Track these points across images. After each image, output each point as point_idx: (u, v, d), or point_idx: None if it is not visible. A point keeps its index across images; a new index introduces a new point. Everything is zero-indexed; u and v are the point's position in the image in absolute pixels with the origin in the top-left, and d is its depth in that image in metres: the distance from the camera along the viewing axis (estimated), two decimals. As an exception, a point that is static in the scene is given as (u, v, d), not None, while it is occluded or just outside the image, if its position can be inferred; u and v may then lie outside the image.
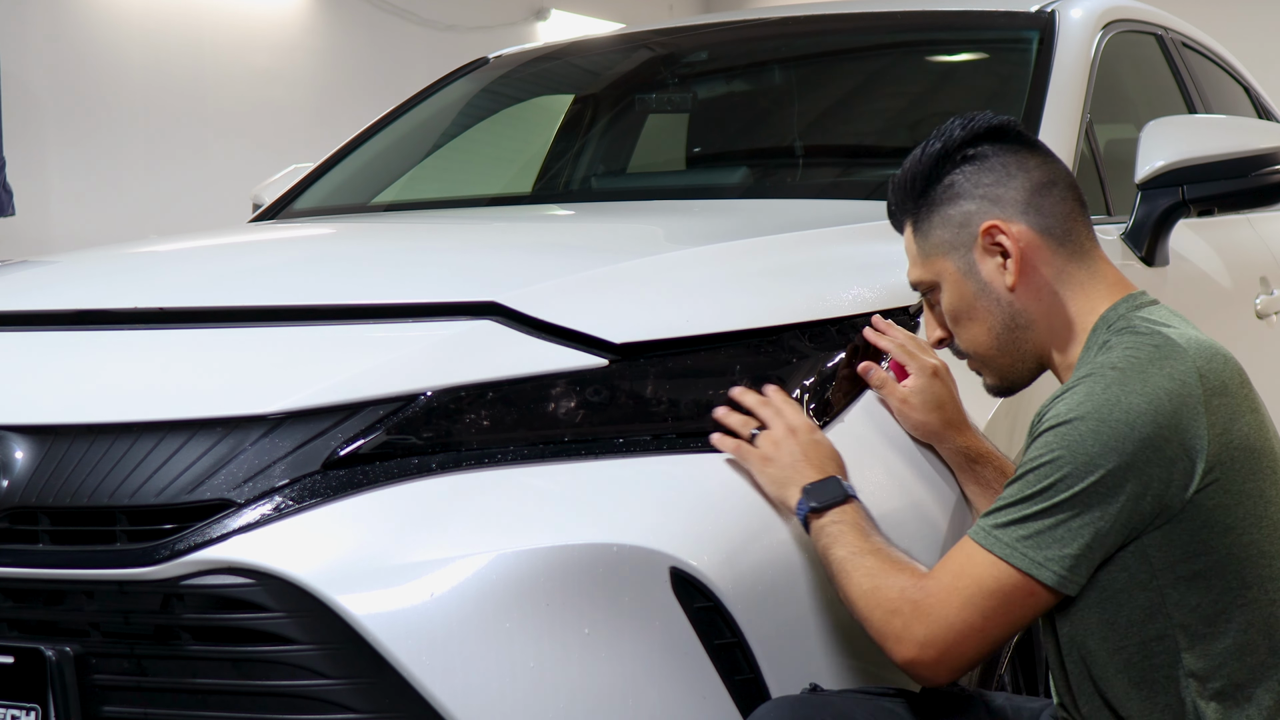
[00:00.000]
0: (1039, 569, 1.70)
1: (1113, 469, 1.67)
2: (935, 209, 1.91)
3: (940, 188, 1.91)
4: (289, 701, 1.81)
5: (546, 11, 10.77)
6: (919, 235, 1.94)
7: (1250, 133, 2.79)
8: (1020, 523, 1.71)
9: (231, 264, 2.52)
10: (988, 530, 1.73)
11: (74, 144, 7.84)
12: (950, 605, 1.72)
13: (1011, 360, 1.92)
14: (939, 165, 1.91)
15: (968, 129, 1.91)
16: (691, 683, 1.83)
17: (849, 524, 1.84)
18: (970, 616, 1.71)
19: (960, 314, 1.92)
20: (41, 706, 1.88)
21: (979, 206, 1.88)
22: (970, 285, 1.89)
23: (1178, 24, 3.90)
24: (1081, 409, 1.70)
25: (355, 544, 1.81)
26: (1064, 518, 1.69)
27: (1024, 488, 1.72)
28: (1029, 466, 1.72)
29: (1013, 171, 1.89)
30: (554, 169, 3.83)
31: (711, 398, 1.98)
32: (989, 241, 1.87)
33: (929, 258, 1.93)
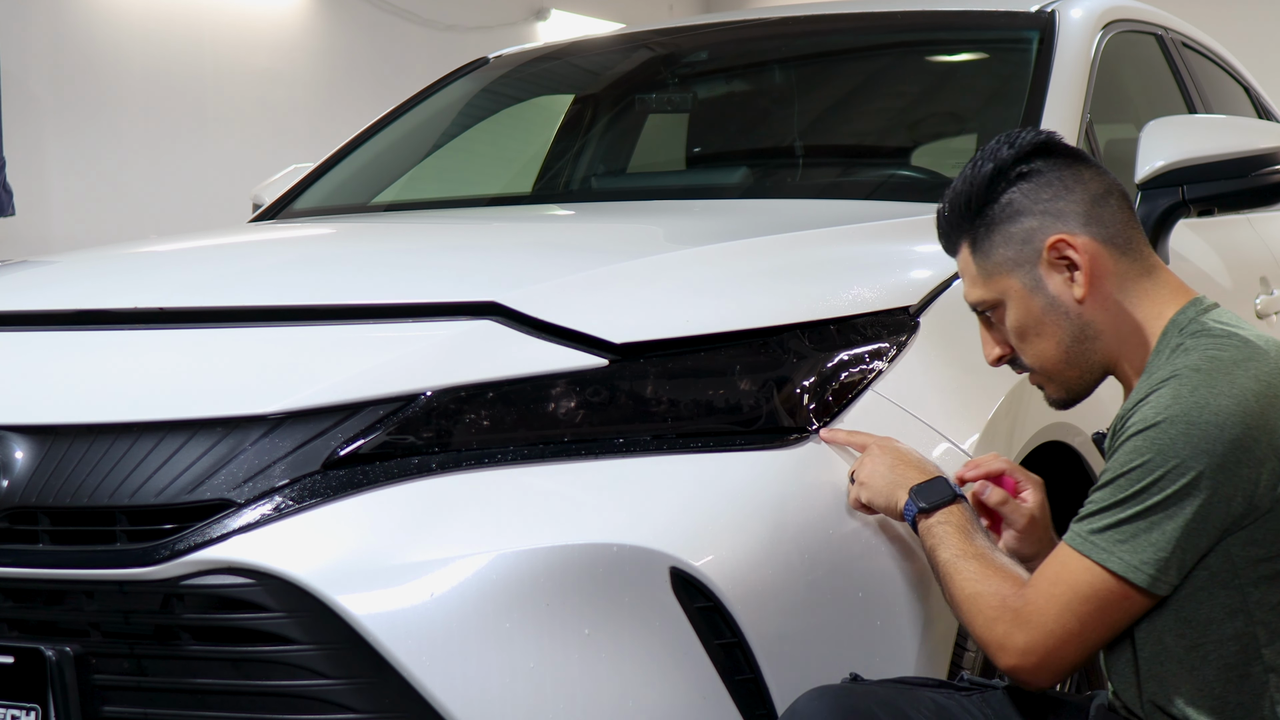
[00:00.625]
0: (1135, 572, 1.72)
1: (1204, 470, 1.70)
2: (995, 228, 1.91)
3: (999, 206, 1.91)
4: (289, 701, 1.81)
5: (546, 11, 10.77)
6: (979, 255, 1.93)
7: (1250, 133, 2.79)
8: (1115, 527, 1.73)
9: (231, 264, 2.52)
10: (1083, 535, 1.75)
11: (74, 144, 7.84)
12: (1048, 612, 1.75)
13: (1080, 372, 1.93)
14: (994, 184, 1.91)
15: (1016, 147, 1.92)
16: (691, 683, 1.83)
17: (954, 525, 1.87)
18: (1068, 622, 1.74)
19: (1027, 330, 1.92)
20: (41, 706, 1.88)
21: (1041, 222, 1.89)
22: (1038, 301, 1.90)
23: (1178, 24, 3.90)
24: (1170, 411, 1.72)
25: (355, 544, 1.81)
26: (1157, 520, 1.71)
27: (1116, 491, 1.74)
28: (1120, 470, 1.74)
29: (1070, 185, 1.90)
30: (554, 169, 3.83)
31: (711, 398, 1.98)
32: (1055, 256, 1.88)
33: (991, 277, 1.92)
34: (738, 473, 1.92)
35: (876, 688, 1.83)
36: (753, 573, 1.86)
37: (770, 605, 1.87)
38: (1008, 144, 1.92)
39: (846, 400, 2.04)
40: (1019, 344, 1.94)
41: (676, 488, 1.89)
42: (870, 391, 2.07)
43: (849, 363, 2.06)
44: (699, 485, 1.90)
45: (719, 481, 1.91)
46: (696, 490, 1.89)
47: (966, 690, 1.91)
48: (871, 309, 2.14)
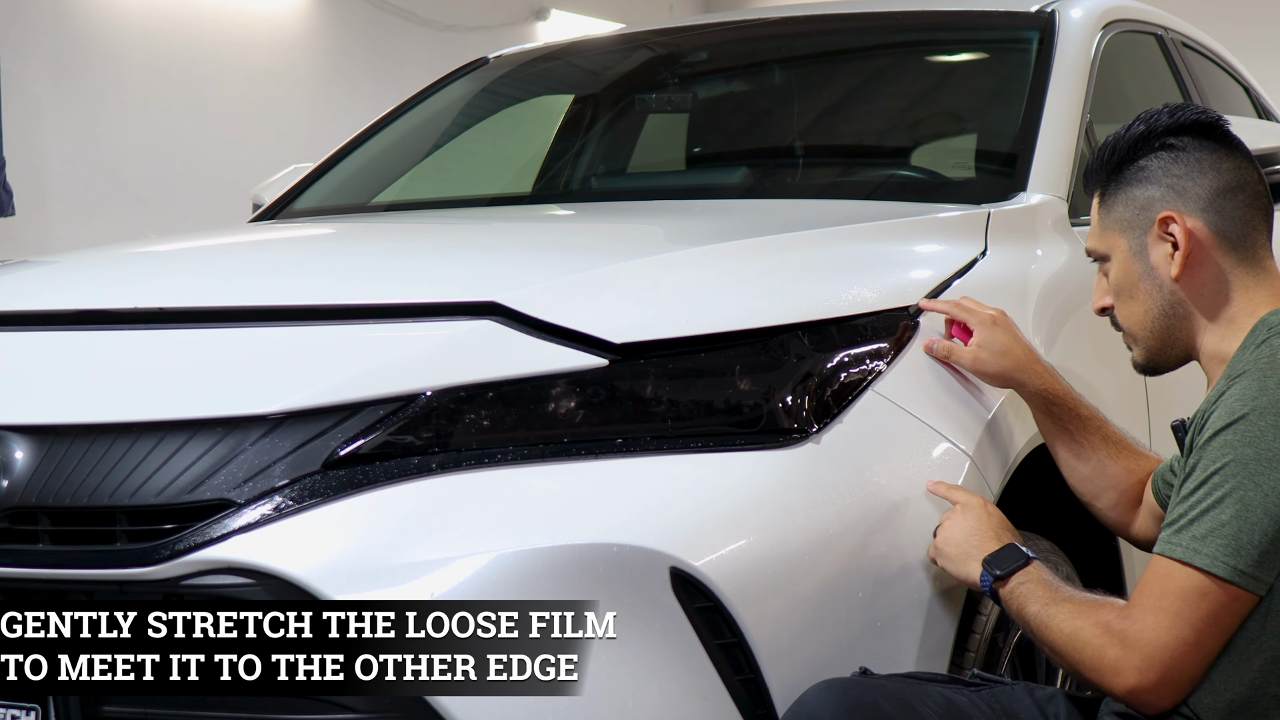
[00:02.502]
0: (1242, 576, 1.72)
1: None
2: (1123, 187, 1.98)
3: (1133, 168, 1.98)
4: (289, 701, 1.81)
5: (546, 11, 10.77)
6: (1103, 207, 2.01)
7: (1251, 133, 2.78)
8: (1216, 531, 1.72)
9: (231, 264, 2.52)
10: (1185, 544, 1.74)
11: (74, 144, 7.83)
12: (1160, 626, 1.73)
13: (1161, 345, 1.99)
14: (1137, 146, 1.98)
15: (1174, 117, 1.98)
16: (692, 683, 1.83)
17: (1035, 582, 1.88)
18: (1182, 632, 1.73)
19: (1123, 290, 1.99)
20: (41, 706, 1.88)
21: (1163, 194, 1.95)
22: (1138, 266, 1.97)
23: (1178, 24, 3.90)
24: (1255, 403, 1.73)
25: (355, 544, 1.82)
26: (1256, 519, 1.71)
27: (1211, 492, 1.73)
28: (1211, 470, 1.74)
29: (1204, 168, 1.95)
30: (554, 169, 3.83)
31: (711, 398, 1.98)
32: (1163, 230, 1.94)
33: (1106, 230, 2.00)
34: (738, 473, 1.92)
35: (885, 681, 1.83)
36: (753, 573, 1.86)
37: (770, 605, 1.87)
38: (1169, 113, 1.98)
39: (846, 400, 2.04)
40: (1117, 301, 2.01)
41: (676, 488, 1.89)
42: (870, 391, 2.07)
43: (849, 363, 2.06)
44: (699, 485, 1.90)
45: (719, 481, 1.91)
46: (696, 490, 1.89)
47: (976, 686, 1.91)
48: (871, 309, 2.14)
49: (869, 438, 2.02)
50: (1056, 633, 1.81)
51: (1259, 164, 2.70)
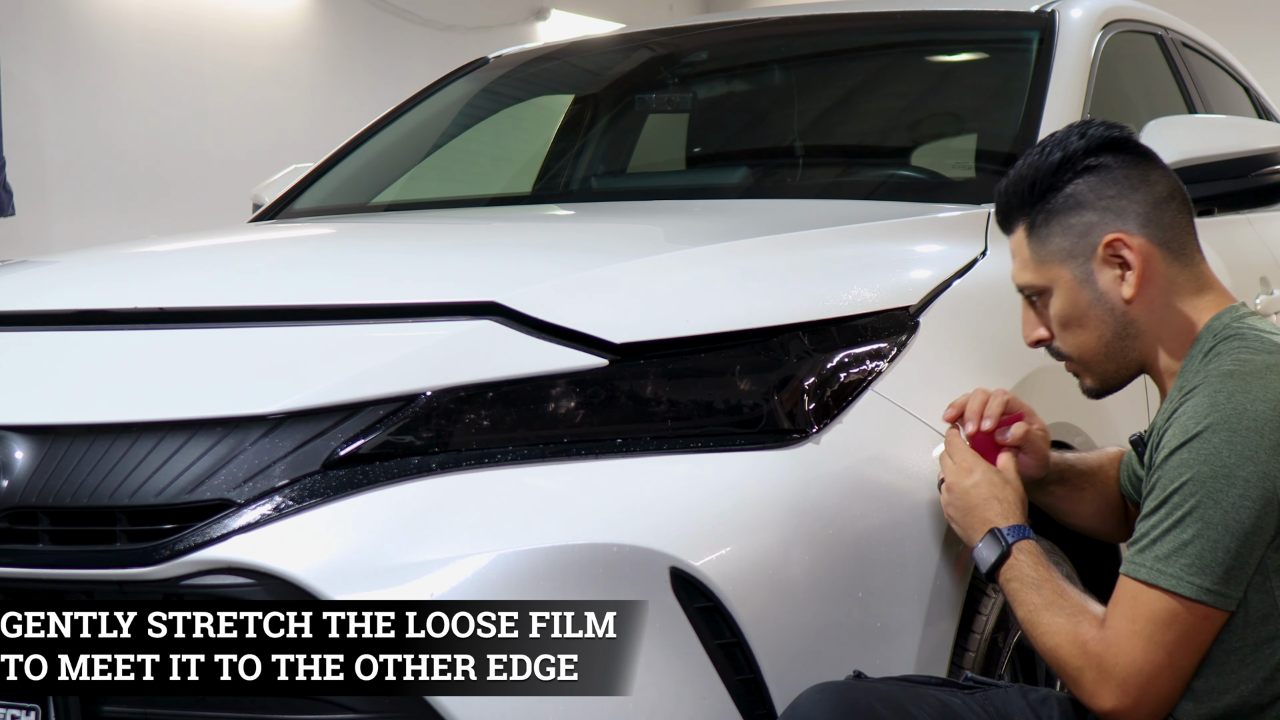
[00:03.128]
0: (1209, 594, 1.72)
1: (1250, 476, 1.70)
2: (1055, 216, 1.93)
3: (1061, 196, 1.92)
4: (289, 701, 1.81)
5: (546, 11, 10.77)
6: (1034, 240, 1.95)
7: (1250, 133, 2.79)
8: (1179, 551, 1.72)
9: (231, 264, 2.52)
10: (1149, 565, 1.74)
11: (74, 144, 7.83)
12: (1134, 650, 1.74)
13: (1117, 367, 1.95)
14: (1060, 172, 1.93)
15: (1086, 138, 1.93)
16: (691, 683, 1.83)
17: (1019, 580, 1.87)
18: (1155, 655, 1.74)
19: (1071, 320, 1.94)
20: (41, 706, 1.88)
21: (1101, 217, 1.90)
22: (1085, 294, 1.92)
23: (1178, 24, 3.90)
24: (1208, 420, 1.73)
25: (355, 544, 1.82)
26: (1218, 536, 1.71)
27: (1171, 512, 1.74)
28: (1170, 489, 1.74)
29: (1136, 184, 1.91)
30: (554, 169, 3.83)
31: (711, 398, 1.98)
32: (1110, 253, 1.90)
33: (1044, 263, 1.94)
34: (738, 473, 1.92)
35: (879, 685, 1.83)
36: (753, 573, 1.86)
37: (770, 605, 1.87)
38: (1079, 134, 1.94)
39: (846, 400, 2.04)
40: (1060, 332, 1.96)
41: (676, 488, 1.89)
42: (870, 391, 2.07)
43: (849, 363, 2.06)
44: (699, 485, 1.90)
45: (719, 481, 1.91)
46: (696, 490, 1.89)
47: (970, 689, 1.91)
48: (871, 309, 2.14)
49: (869, 438, 2.02)
50: (1040, 644, 1.83)
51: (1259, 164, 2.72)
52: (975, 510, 1.93)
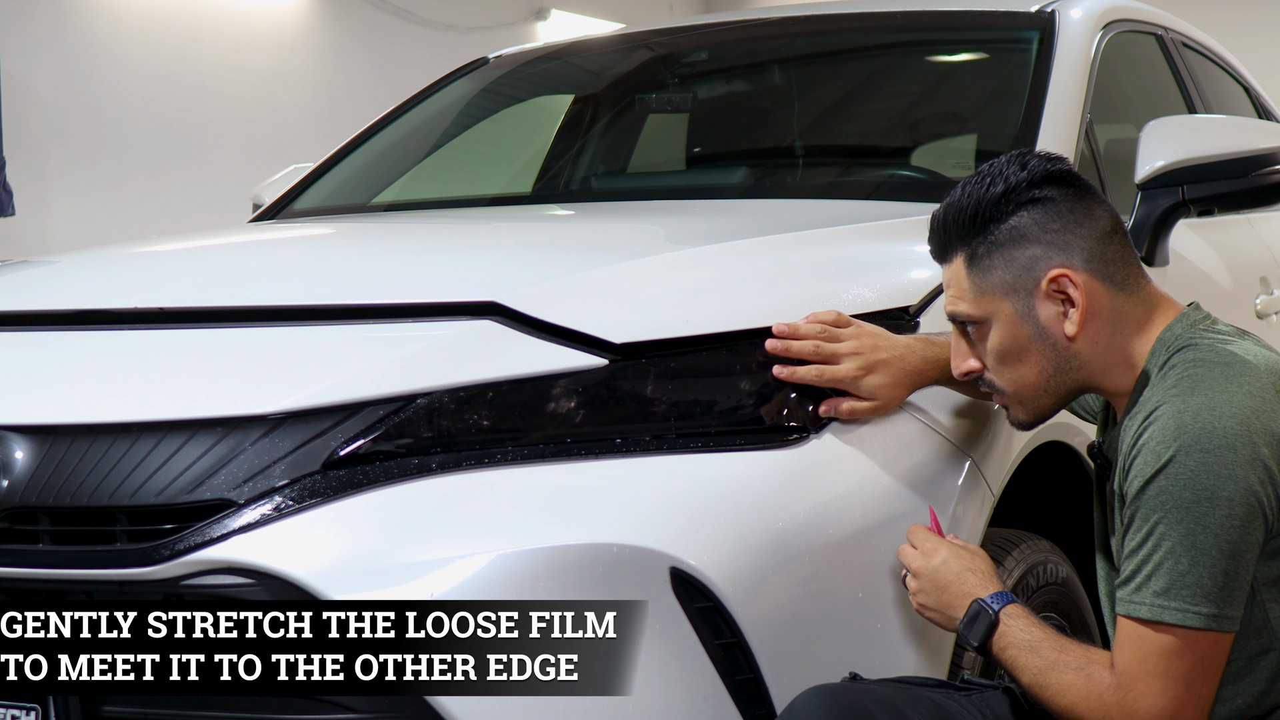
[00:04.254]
0: (1216, 621, 1.70)
1: (1233, 494, 1.69)
2: (997, 248, 1.88)
3: (1004, 228, 1.87)
4: (289, 701, 1.81)
5: (546, 11, 10.77)
6: (974, 272, 1.90)
7: (1250, 133, 2.79)
8: (1177, 583, 1.70)
9: (231, 264, 2.52)
10: (1149, 603, 1.72)
11: (74, 144, 7.83)
12: (1152, 689, 1.72)
13: (1054, 400, 1.92)
14: (1002, 204, 1.88)
15: (1028, 169, 1.89)
16: (691, 683, 1.83)
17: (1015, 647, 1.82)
18: (1175, 689, 1.72)
19: (1010, 354, 1.90)
20: (41, 706, 1.88)
21: (1044, 252, 1.86)
22: (1027, 328, 1.88)
23: (1178, 24, 3.89)
24: (1178, 444, 1.71)
25: (355, 544, 1.81)
26: (1212, 560, 1.69)
27: (1159, 543, 1.71)
28: (1153, 521, 1.72)
29: (1080, 219, 1.87)
30: (554, 169, 3.83)
31: (711, 398, 1.98)
32: (1054, 289, 1.86)
33: (984, 295, 1.89)
34: (738, 473, 1.92)
35: (875, 687, 1.83)
36: (753, 573, 1.86)
37: (770, 605, 1.87)
38: (1019, 165, 1.89)
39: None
40: (996, 365, 1.92)
41: (676, 488, 1.89)
42: (870, 391, 2.06)
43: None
44: (699, 485, 1.90)
45: (719, 481, 1.91)
46: (696, 490, 1.89)
47: (966, 690, 1.91)
48: (871, 309, 2.14)
49: (869, 438, 2.02)
50: (1053, 705, 1.79)
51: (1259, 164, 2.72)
52: (950, 587, 1.88)
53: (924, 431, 2.08)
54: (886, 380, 2.01)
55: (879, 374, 2.00)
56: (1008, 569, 2.19)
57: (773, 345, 1.99)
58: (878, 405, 2.02)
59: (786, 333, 1.99)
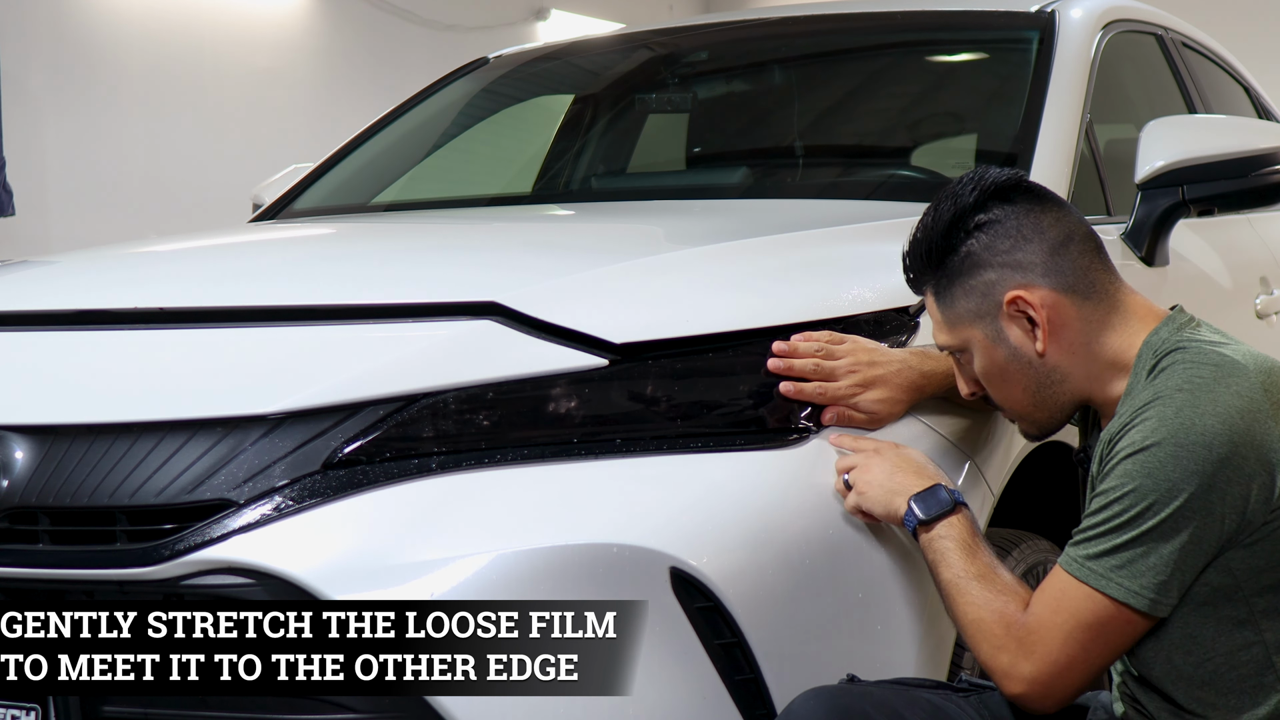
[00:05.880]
0: (1135, 598, 1.73)
1: (1195, 492, 1.70)
2: (955, 279, 1.90)
3: (957, 258, 1.90)
4: (289, 701, 1.81)
5: (546, 11, 10.77)
6: (942, 304, 1.93)
7: (1250, 133, 2.79)
8: (1112, 553, 1.73)
9: (232, 264, 2.52)
10: (1079, 561, 1.76)
11: (74, 144, 7.83)
12: (1053, 641, 1.76)
13: (1049, 414, 1.94)
14: (952, 234, 1.90)
15: (978, 188, 1.90)
16: (691, 683, 1.83)
17: (955, 540, 1.86)
18: (1072, 650, 1.76)
19: (993, 376, 1.93)
20: (41, 706, 1.88)
21: (999, 275, 1.88)
22: (1001, 351, 1.90)
23: (1178, 24, 3.89)
24: (1157, 434, 1.72)
25: (355, 544, 1.82)
26: (1154, 544, 1.72)
27: (1110, 517, 1.74)
28: (1113, 495, 1.74)
29: (1028, 235, 1.88)
30: (554, 169, 3.83)
31: (712, 398, 1.98)
32: (1014, 310, 1.87)
33: (955, 326, 1.93)
34: (738, 473, 1.92)
35: (873, 688, 1.83)
36: (753, 573, 1.86)
37: (770, 605, 1.87)
38: (972, 185, 1.90)
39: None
40: (988, 387, 1.95)
41: (676, 488, 1.89)
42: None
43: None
44: (699, 485, 1.90)
45: (719, 481, 1.91)
46: (696, 490, 1.89)
47: (964, 692, 1.91)
48: (871, 309, 2.14)
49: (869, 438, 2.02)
50: (961, 614, 1.83)
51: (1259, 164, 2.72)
52: (912, 472, 1.91)
53: (924, 432, 2.08)
54: (884, 395, 2.02)
55: (877, 390, 2.02)
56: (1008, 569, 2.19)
57: (775, 365, 2.00)
58: (877, 420, 2.03)
59: (786, 351, 2.01)
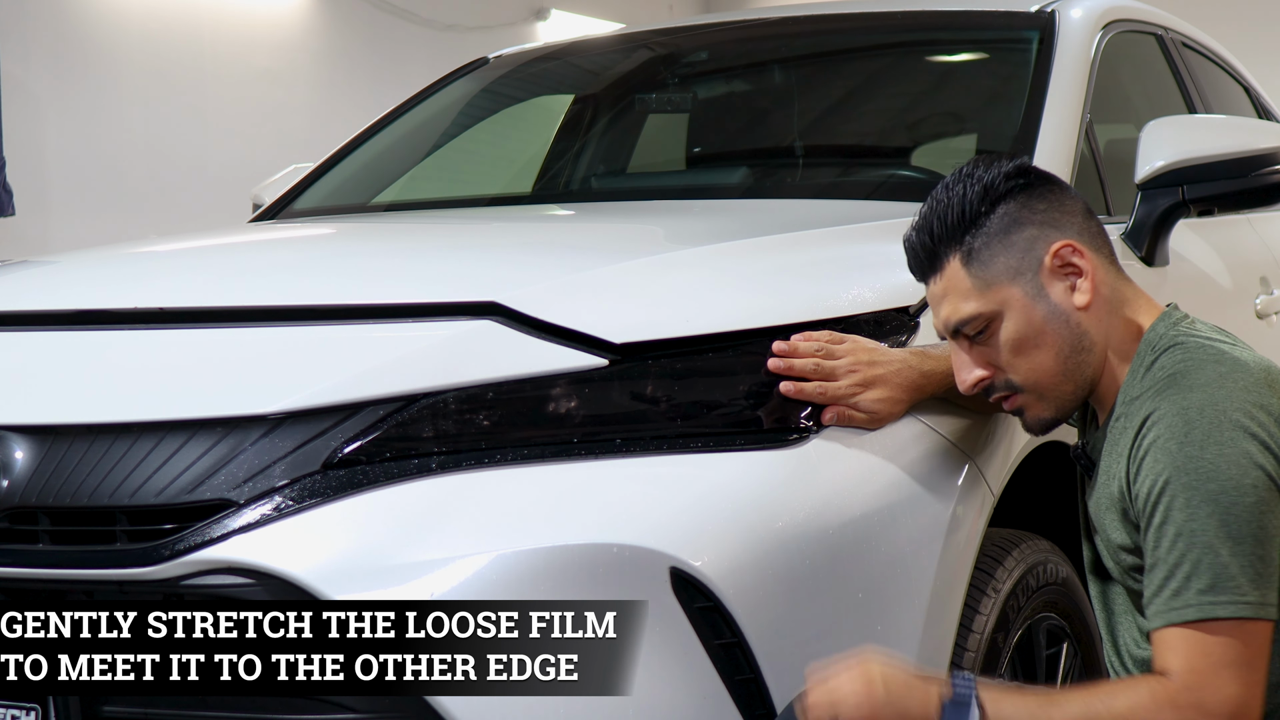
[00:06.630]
0: (1263, 609, 1.71)
1: (1256, 481, 1.70)
2: (993, 238, 1.90)
3: (995, 217, 1.90)
4: (288, 701, 1.81)
5: (546, 11, 10.77)
6: (975, 266, 1.91)
7: (1250, 133, 2.79)
8: (1223, 574, 1.70)
9: (231, 264, 2.52)
10: (1198, 603, 1.71)
11: (74, 144, 7.83)
12: (1225, 680, 1.70)
13: (1074, 386, 1.92)
14: (986, 198, 1.91)
15: (998, 168, 1.92)
16: (691, 683, 1.83)
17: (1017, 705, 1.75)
18: (1246, 676, 1.71)
19: (1026, 341, 1.90)
20: (41, 706, 1.88)
21: (1041, 231, 1.90)
22: (1040, 309, 1.89)
23: (1178, 24, 3.89)
24: (1190, 438, 1.72)
25: (355, 544, 1.81)
26: (1250, 548, 1.70)
27: (1192, 540, 1.71)
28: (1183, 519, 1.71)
29: (1061, 199, 1.92)
30: (554, 169, 3.83)
31: (711, 398, 1.98)
32: (1059, 263, 1.88)
33: (990, 287, 1.90)
34: (737, 473, 1.92)
35: None
36: (753, 573, 1.86)
37: (770, 605, 1.87)
38: (984, 166, 1.93)
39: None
40: (1013, 359, 1.91)
41: (676, 487, 1.89)
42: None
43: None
44: (699, 485, 1.90)
45: (719, 481, 1.91)
46: (696, 490, 1.89)
47: None
48: (871, 309, 2.14)
49: (869, 438, 2.02)
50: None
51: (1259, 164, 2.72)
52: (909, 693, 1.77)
53: (924, 432, 2.08)
54: (884, 395, 2.02)
55: (877, 389, 2.01)
56: (1008, 569, 2.19)
57: (775, 365, 2.00)
58: (877, 420, 2.03)
59: (786, 351, 2.01)
